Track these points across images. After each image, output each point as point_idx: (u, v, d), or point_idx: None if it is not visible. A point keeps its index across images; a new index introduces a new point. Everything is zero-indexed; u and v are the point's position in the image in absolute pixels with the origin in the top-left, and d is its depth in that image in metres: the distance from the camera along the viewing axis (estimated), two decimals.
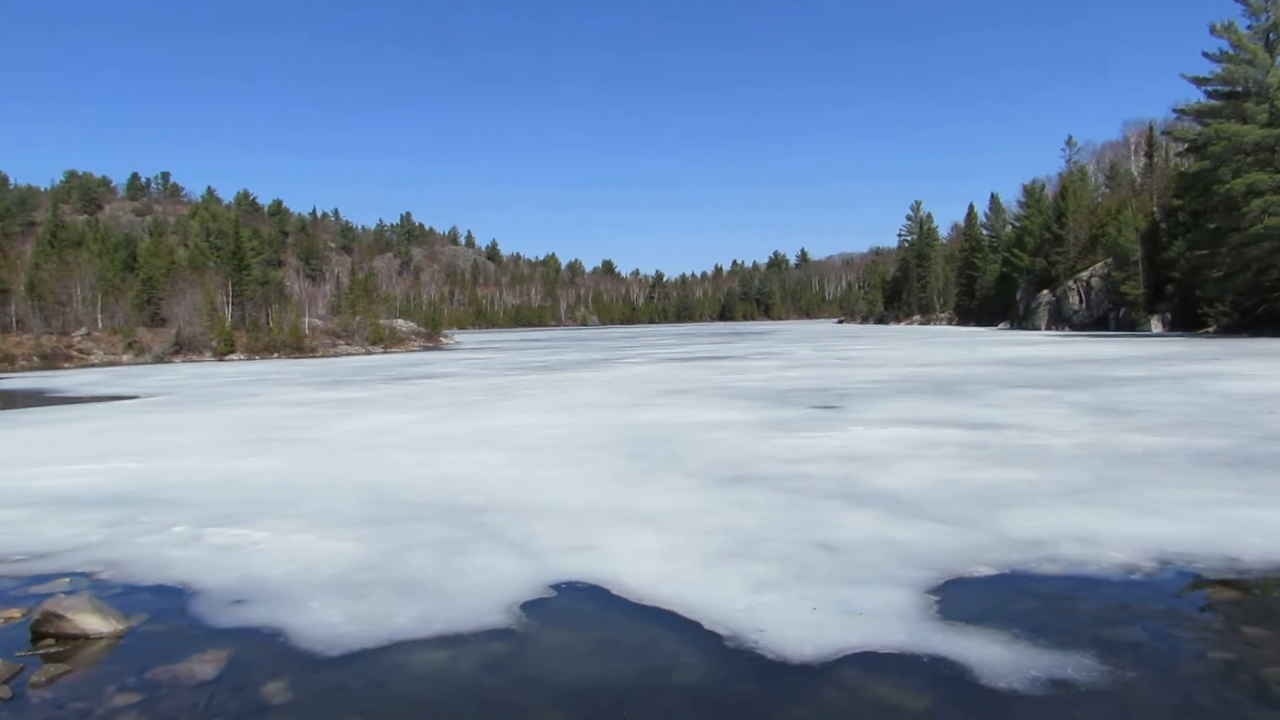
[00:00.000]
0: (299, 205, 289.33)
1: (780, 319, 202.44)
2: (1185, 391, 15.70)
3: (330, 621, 4.89)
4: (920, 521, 6.67)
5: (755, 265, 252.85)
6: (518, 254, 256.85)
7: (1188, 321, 50.64)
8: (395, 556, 6.13)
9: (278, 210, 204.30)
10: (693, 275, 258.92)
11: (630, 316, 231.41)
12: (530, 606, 5.12)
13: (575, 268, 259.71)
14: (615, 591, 5.33)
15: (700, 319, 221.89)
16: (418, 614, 4.97)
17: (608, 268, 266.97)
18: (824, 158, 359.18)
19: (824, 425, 12.43)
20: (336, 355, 55.55)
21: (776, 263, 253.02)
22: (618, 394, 18.94)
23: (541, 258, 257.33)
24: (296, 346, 56.21)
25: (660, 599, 5.13)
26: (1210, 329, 47.23)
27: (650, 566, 5.74)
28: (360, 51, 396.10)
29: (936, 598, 5.00)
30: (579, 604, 5.25)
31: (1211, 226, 43.37)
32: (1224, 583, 5.26)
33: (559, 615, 5.05)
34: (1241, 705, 3.70)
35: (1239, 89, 42.06)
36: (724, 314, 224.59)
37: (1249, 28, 41.88)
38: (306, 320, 62.95)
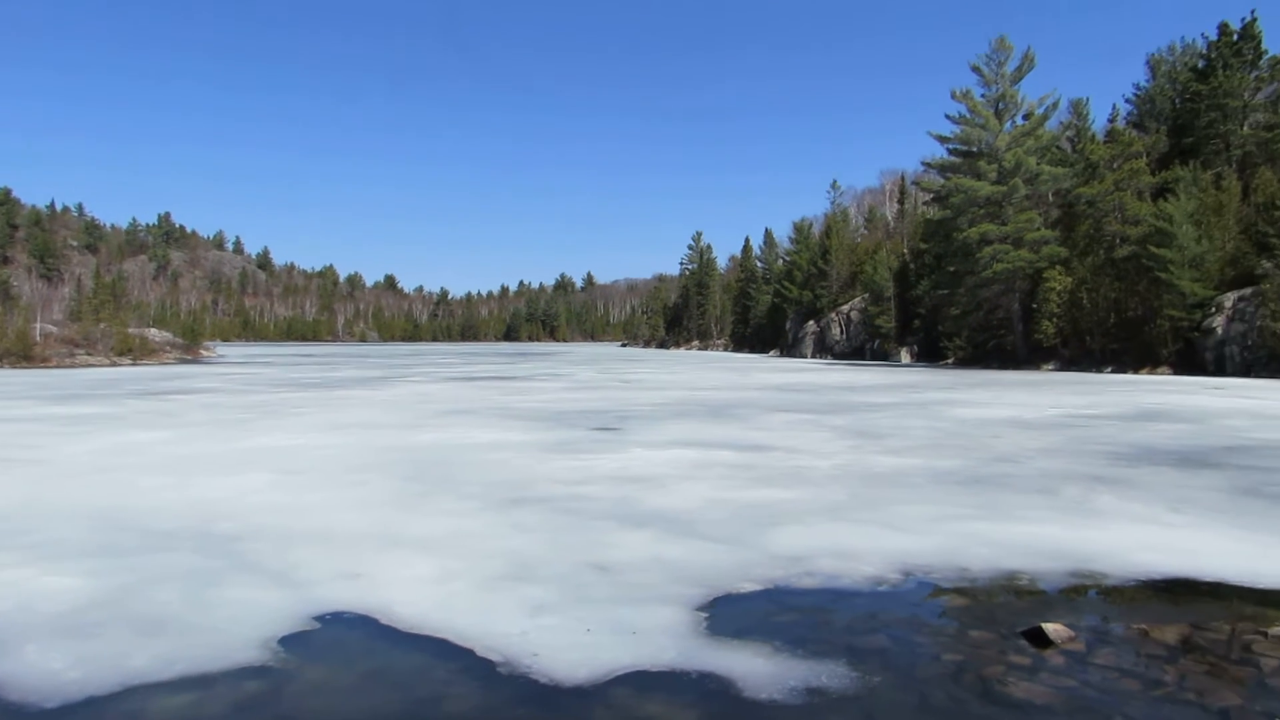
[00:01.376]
0: (33, 196, 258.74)
1: (565, 341, 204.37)
2: (928, 417, 17.29)
3: (51, 668, 4.32)
4: (693, 540, 6.88)
5: (542, 286, 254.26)
6: (292, 264, 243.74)
7: (932, 353, 56.08)
8: (134, 591, 5.54)
9: (5, 199, 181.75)
10: (478, 294, 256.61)
11: (413, 334, 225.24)
12: (290, 641, 4.78)
13: (355, 281, 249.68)
14: (384, 621, 5.09)
15: (485, 338, 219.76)
16: (159, 654, 4.50)
17: (390, 283, 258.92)
18: (611, 183, 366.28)
19: (604, 447, 12.60)
20: (75, 366, 49.96)
21: (563, 285, 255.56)
22: (395, 414, 18.30)
23: (318, 269, 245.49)
24: (24, 355, 49.99)
25: (432, 626, 4.95)
26: (950, 360, 52.53)
27: (422, 593, 5.54)
28: (116, 13, 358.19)
29: (706, 615, 5.16)
30: (344, 635, 4.97)
31: (951, 269, 48.34)
32: (956, 590, 5.80)
33: (321, 649, 4.75)
34: (968, 703, 4.07)
35: (974, 149, 47.33)
36: (509, 334, 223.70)
37: (983, 96, 47.33)
38: (38, 326, 56.14)
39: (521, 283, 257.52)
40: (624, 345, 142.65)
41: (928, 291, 54.14)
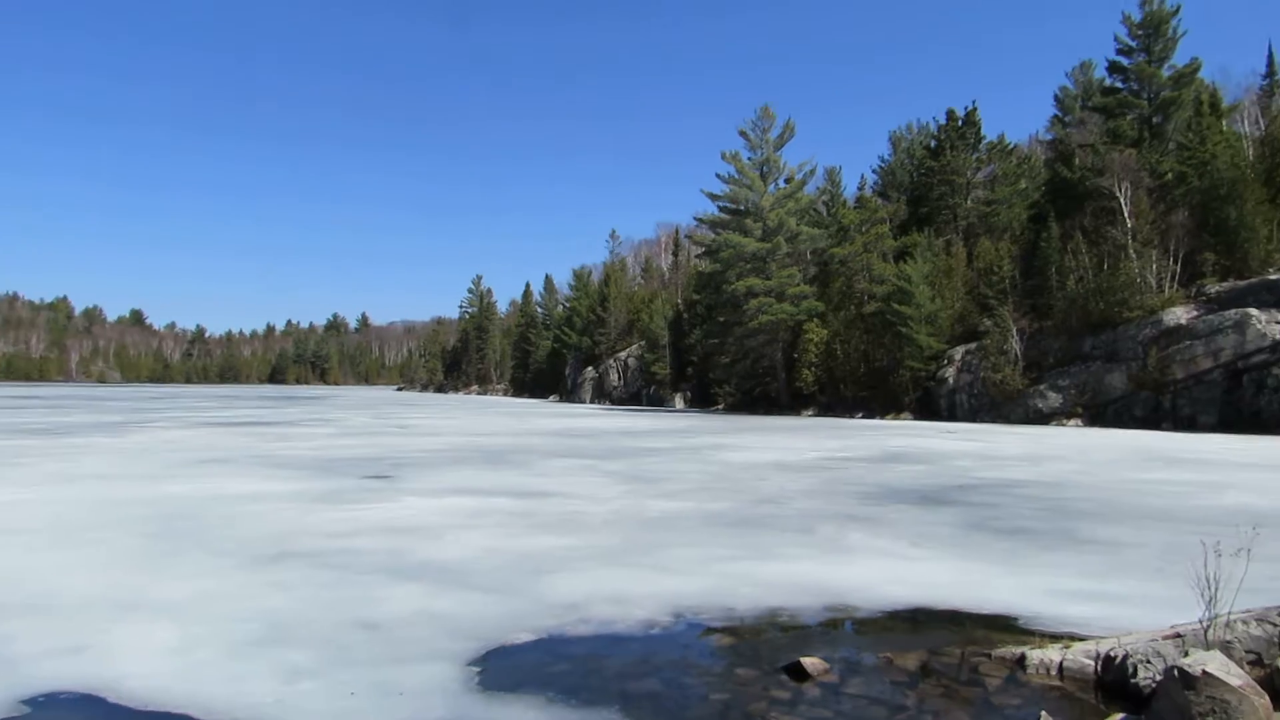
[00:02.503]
0: None
1: (338, 384, 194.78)
2: (700, 461, 17.98)
3: None
4: (467, 592, 6.71)
5: (312, 326, 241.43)
6: (15, 293, 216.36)
7: (704, 399, 58.54)
8: None
9: None
10: (240, 333, 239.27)
11: (163, 375, 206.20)
12: None
13: (93, 315, 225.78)
14: (114, 699, 4.55)
15: (247, 381, 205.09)
16: None
17: (136, 318, 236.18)
18: (388, 221, 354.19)
19: (375, 496, 12.08)
20: None
21: (335, 325, 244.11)
22: (140, 463, 16.63)
23: (49, 300, 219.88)
24: None
25: (173, 701, 4.48)
26: (720, 406, 55.05)
27: (162, 664, 5.01)
28: None
29: (478, 669, 5.03)
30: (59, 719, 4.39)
31: (721, 319, 50.96)
32: (724, 630, 6.01)
33: None
34: None
35: (742, 207, 50.48)
36: (275, 376, 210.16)
37: (749, 159, 50.71)
38: None
39: (289, 322, 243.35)
40: (400, 389, 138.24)
41: (700, 340, 56.71)
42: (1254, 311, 30.60)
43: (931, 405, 41.13)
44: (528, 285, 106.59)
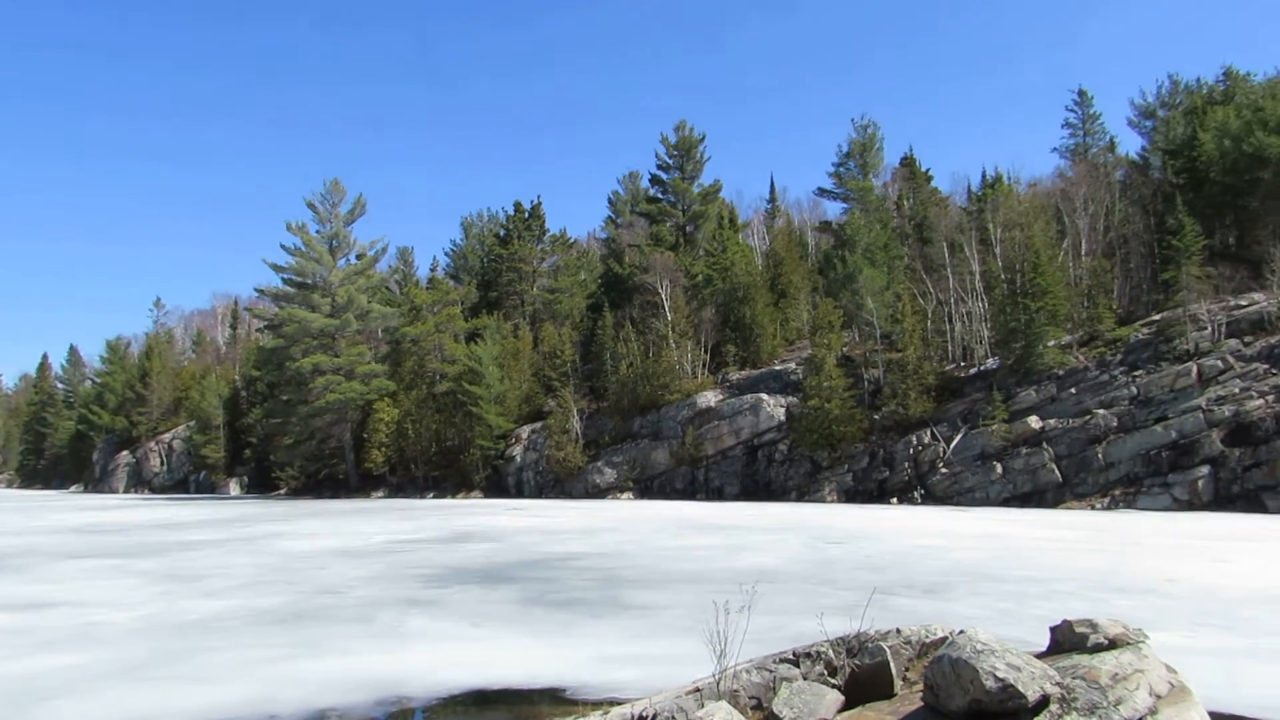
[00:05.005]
0: None
1: None
2: (253, 552, 16.48)
3: None
4: None
5: None
6: None
7: (264, 483, 54.12)
8: None
9: None
10: None
11: None
12: None
13: None
14: None
15: None
16: None
17: None
18: None
19: None
20: None
21: None
22: None
23: None
24: None
25: None
26: (283, 490, 51.32)
27: None
28: None
29: None
30: None
31: (285, 398, 47.84)
32: None
33: None
34: None
35: (309, 281, 48.37)
36: None
37: (317, 231, 48.99)
38: None
39: None
40: None
41: (260, 420, 52.62)
42: (765, 396, 36.22)
43: (501, 483, 42.31)
44: (45, 357, 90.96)
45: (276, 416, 48.95)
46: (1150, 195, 38.79)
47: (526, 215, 53.72)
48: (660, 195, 52.43)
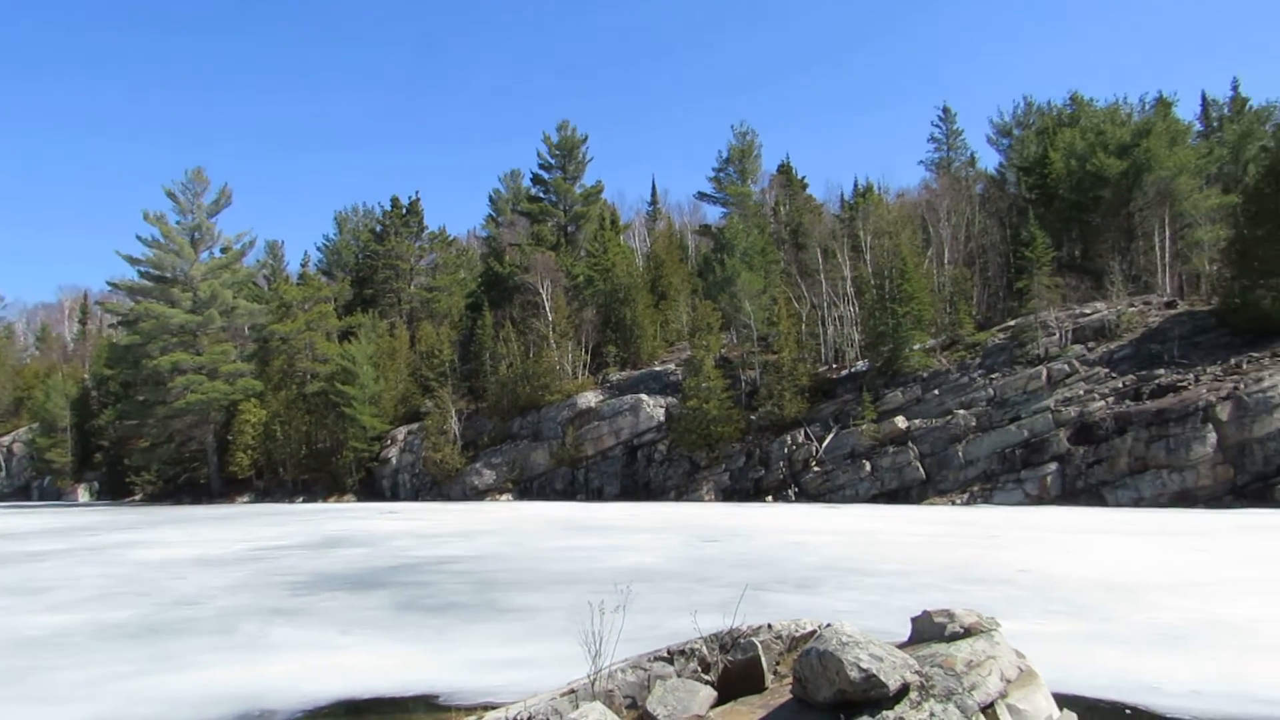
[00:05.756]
0: None
1: None
2: (103, 563, 15.48)
3: None
4: None
5: None
6: None
7: (117, 489, 50.93)
8: None
9: None
10: None
11: None
12: None
13: None
14: None
15: None
16: None
17: None
18: None
19: None
20: None
21: None
22: None
23: None
24: None
25: None
26: (138, 497, 48.42)
27: None
28: None
29: None
30: None
31: (141, 398, 45.15)
32: None
33: None
34: None
35: (168, 275, 45.81)
36: None
37: (178, 223, 46.46)
38: None
39: None
40: None
41: (113, 422, 49.44)
42: (645, 397, 36.51)
43: (375, 486, 41.17)
44: None
45: (131, 418, 46.12)
46: (1006, 208, 41.25)
47: (404, 211, 52.48)
48: (542, 195, 52.14)
